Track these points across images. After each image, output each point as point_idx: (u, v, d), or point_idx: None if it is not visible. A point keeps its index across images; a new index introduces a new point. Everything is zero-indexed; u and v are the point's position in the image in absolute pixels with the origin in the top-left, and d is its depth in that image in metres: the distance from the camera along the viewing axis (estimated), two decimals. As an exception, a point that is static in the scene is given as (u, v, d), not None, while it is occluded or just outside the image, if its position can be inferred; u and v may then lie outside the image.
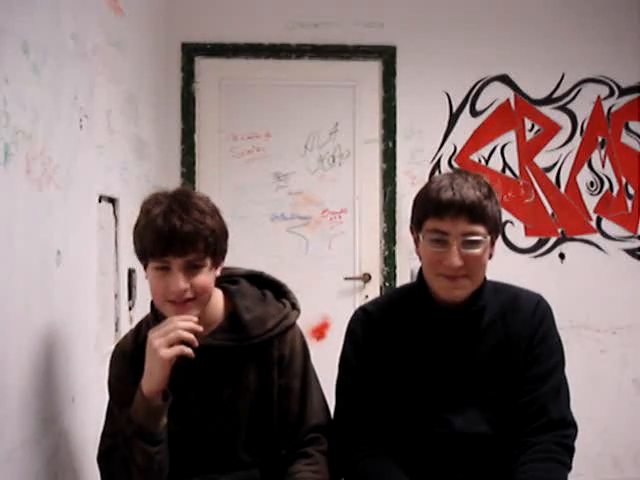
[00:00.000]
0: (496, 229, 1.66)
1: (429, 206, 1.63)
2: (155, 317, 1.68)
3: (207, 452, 1.68)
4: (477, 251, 1.62)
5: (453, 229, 1.60)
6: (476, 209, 1.60)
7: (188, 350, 1.52)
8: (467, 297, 1.69)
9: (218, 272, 1.66)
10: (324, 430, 1.73)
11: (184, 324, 1.53)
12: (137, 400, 1.56)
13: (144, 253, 1.58)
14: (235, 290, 1.72)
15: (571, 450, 1.65)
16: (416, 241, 1.71)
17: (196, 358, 1.57)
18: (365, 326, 1.77)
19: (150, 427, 1.55)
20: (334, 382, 1.80)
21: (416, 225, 1.69)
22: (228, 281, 1.74)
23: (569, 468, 1.64)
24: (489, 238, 1.64)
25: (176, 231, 1.52)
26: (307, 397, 1.72)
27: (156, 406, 1.55)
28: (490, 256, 1.67)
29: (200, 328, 1.55)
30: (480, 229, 1.61)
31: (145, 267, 1.62)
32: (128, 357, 1.68)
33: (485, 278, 1.72)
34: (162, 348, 1.51)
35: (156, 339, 1.52)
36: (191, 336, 1.53)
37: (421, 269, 1.73)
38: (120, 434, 1.59)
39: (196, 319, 1.56)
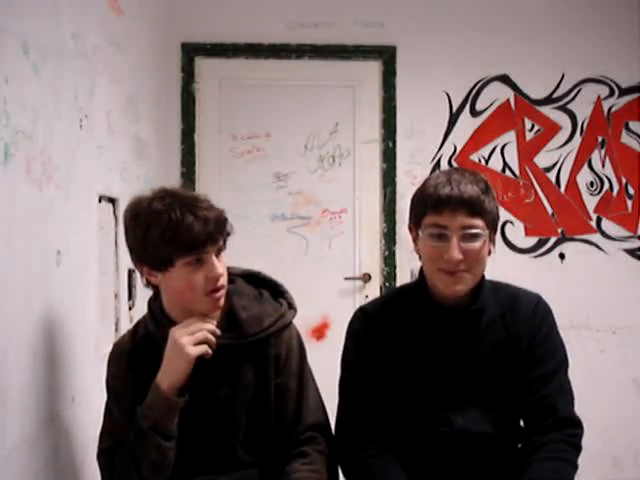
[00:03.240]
0: (494, 225, 1.68)
1: (427, 202, 1.64)
2: (153, 317, 1.68)
3: (206, 451, 1.68)
4: (476, 244, 1.62)
5: (452, 223, 1.61)
6: (474, 203, 1.61)
7: (210, 351, 1.59)
8: (467, 296, 1.69)
9: None
10: (321, 429, 1.73)
11: (208, 326, 1.59)
12: (153, 396, 1.57)
13: (171, 255, 1.55)
14: (232, 289, 1.72)
15: (579, 449, 1.67)
16: (415, 240, 1.72)
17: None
18: (365, 326, 1.77)
19: (166, 423, 1.57)
20: (333, 382, 1.81)
21: (415, 222, 1.69)
22: None
23: (576, 467, 1.65)
24: (487, 232, 1.65)
25: (209, 221, 1.56)
26: (303, 396, 1.73)
27: (174, 402, 1.57)
28: (489, 253, 1.68)
29: (219, 332, 1.61)
30: (479, 222, 1.62)
31: (163, 272, 1.58)
32: (125, 356, 1.69)
33: (484, 277, 1.72)
34: (189, 346, 1.55)
35: (183, 337, 1.56)
36: (214, 339, 1.59)
37: (421, 268, 1.73)
38: (131, 430, 1.59)
39: (215, 322, 1.61)
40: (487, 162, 3.83)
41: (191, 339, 1.56)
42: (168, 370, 1.57)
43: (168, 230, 1.54)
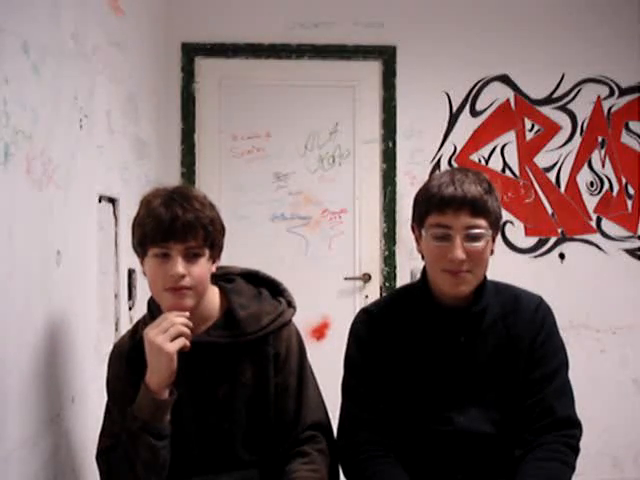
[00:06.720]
0: (497, 224, 1.68)
1: (431, 202, 1.64)
2: (152, 316, 1.68)
3: (206, 451, 1.68)
4: (479, 245, 1.63)
5: (456, 223, 1.61)
6: (478, 203, 1.61)
7: (187, 343, 1.58)
8: (469, 297, 1.69)
9: (214, 268, 1.68)
10: (321, 428, 1.73)
11: (180, 319, 1.57)
12: (142, 396, 1.57)
13: (144, 241, 1.60)
14: (231, 288, 1.73)
15: (576, 451, 1.66)
16: (417, 239, 1.72)
17: (191, 356, 1.60)
18: (368, 326, 1.77)
19: (156, 422, 1.57)
20: (334, 382, 1.81)
21: (418, 222, 1.70)
22: (224, 280, 1.75)
23: (573, 469, 1.64)
24: (490, 232, 1.65)
25: (178, 218, 1.57)
26: (303, 395, 1.73)
27: (163, 401, 1.56)
28: (491, 252, 1.68)
29: (191, 323, 1.59)
30: (482, 222, 1.62)
31: (142, 259, 1.64)
32: (125, 357, 1.69)
33: (486, 278, 1.73)
34: (166, 343, 1.54)
35: (158, 336, 1.55)
36: (188, 331, 1.58)
37: (424, 268, 1.74)
38: (123, 431, 1.59)
39: (187, 314, 1.59)
40: (487, 162, 3.83)
41: (166, 336, 1.55)
42: (154, 370, 1.56)
43: (142, 217, 1.61)
